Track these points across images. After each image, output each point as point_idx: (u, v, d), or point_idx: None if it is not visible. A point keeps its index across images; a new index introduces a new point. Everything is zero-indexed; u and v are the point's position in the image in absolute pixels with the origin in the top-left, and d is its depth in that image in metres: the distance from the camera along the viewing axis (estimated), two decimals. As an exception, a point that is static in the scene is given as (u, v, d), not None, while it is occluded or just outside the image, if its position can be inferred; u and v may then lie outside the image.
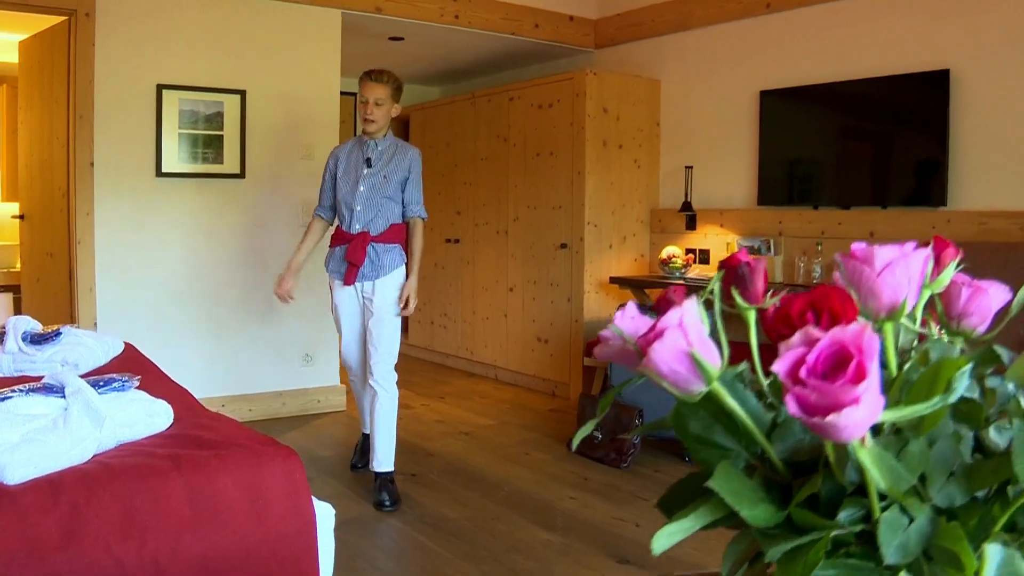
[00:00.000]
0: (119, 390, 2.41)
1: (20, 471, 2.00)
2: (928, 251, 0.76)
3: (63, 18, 5.04)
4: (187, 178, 5.28)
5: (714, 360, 0.77)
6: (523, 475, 4.40)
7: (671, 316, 0.78)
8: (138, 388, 2.51)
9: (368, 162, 4.07)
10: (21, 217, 5.72)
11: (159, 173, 5.18)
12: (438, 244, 7.35)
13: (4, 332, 3.34)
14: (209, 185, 5.35)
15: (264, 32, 5.45)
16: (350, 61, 6.26)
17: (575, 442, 1.08)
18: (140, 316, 5.15)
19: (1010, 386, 0.77)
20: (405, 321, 8.09)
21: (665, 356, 0.77)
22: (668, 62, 6.07)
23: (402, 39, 6.38)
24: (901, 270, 0.74)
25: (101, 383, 2.41)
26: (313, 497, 2.27)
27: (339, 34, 5.66)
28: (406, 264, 4.13)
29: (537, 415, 5.62)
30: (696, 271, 5.63)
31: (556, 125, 6.04)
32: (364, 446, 4.52)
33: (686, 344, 0.77)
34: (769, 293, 0.92)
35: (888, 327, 0.77)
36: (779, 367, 0.63)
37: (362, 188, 4.05)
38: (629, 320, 0.85)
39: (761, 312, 0.90)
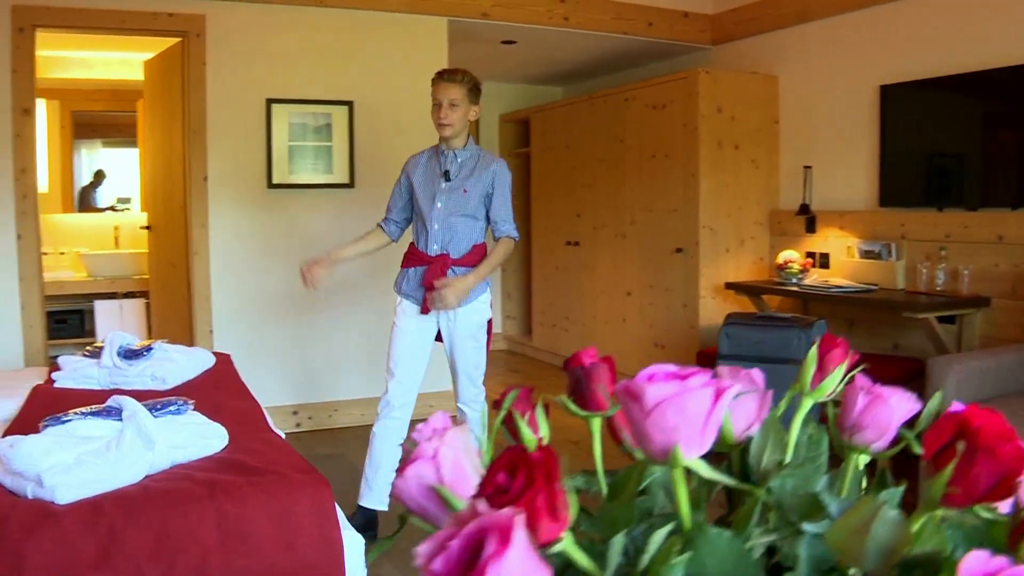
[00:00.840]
0: (175, 413, 2.47)
1: (71, 492, 2.11)
2: (713, 387, 0.64)
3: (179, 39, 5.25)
4: (297, 189, 5.40)
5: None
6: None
7: (427, 446, 0.70)
8: (196, 410, 2.57)
9: (446, 175, 3.67)
10: (148, 228, 5.99)
11: (270, 185, 5.33)
12: (558, 247, 7.29)
13: (103, 347, 3.50)
14: (319, 195, 5.47)
15: (369, 43, 5.50)
16: (461, 66, 6.24)
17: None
18: (254, 324, 5.31)
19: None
20: (527, 322, 8.12)
21: (411, 491, 0.68)
22: (787, 57, 5.78)
23: (514, 43, 6.33)
24: (673, 411, 0.63)
25: (158, 406, 2.48)
26: (344, 527, 2.26)
27: (445, 41, 5.66)
28: (476, 265, 3.66)
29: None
30: (815, 276, 5.34)
31: (670, 126, 5.86)
32: (367, 520, 3.70)
33: (435, 479, 0.68)
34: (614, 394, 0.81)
35: (678, 474, 0.66)
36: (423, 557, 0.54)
37: (439, 205, 3.64)
38: (430, 431, 0.77)
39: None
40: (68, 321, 6.46)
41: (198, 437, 2.43)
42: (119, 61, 6.78)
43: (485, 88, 7.88)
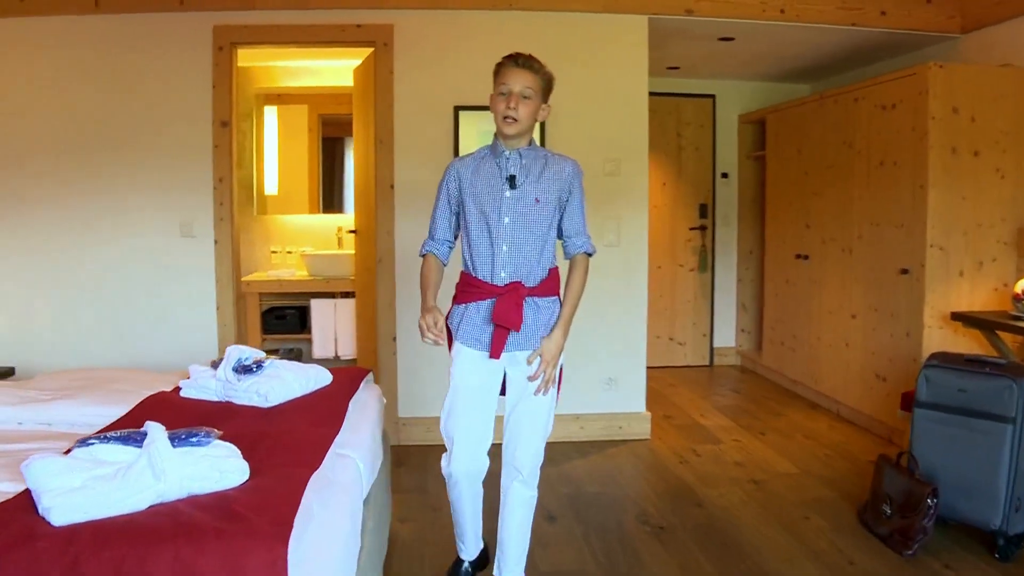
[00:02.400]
0: (195, 444, 2.39)
1: (65, 515, 2.10)
2: None
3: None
4: (484, 198, 5.27)
5: None
6: (781, 546, 3.76)
7: None
8: (222, 441, 2.48)
9: (511, 181, 2.99)
10: (354, 232, 6.10)
11: (457, 194, 5.23)
12: (788, 260, 6.67)
13: (223, 359, 3.53)
14: (505, 205, 5.29)
15: (563, 45, 5.25)
16: (659, 63, 5.86)
17: None
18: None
19: None
20: (759, 338, 7.50)
21: None
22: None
23: (732, 39, 5.83)
24: None
25: (182, 436, 2.41)
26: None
27: (645, 41, 5.28)
28: (560, 315, 3.07)
29: (853, 467, 4.82)
30: (1063, 310, 4.46)
31: (898, 129, 5.13)
32: (480, 558, 3.44)
33: None
34: None
35: None
36: None
37: (507, 219, 2.97)
38: None
39: None
40: (287, 317, 6.75)
41: (214, 470, 2.34)
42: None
43: (720, 86, 7.52)
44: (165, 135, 5.24)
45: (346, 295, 6.78)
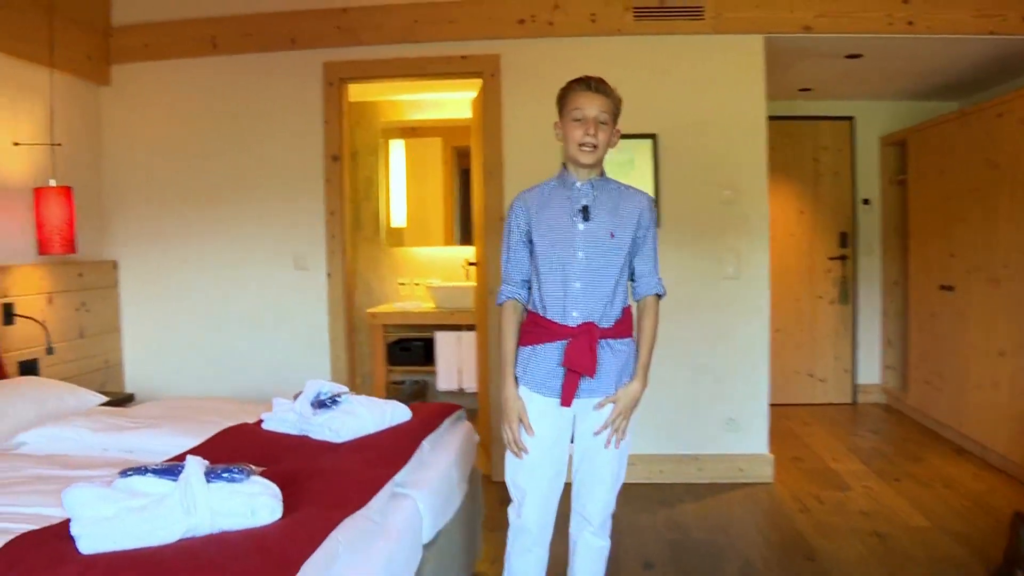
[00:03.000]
0: (228, 481, 2.36)
1: (93, 543, 2.15)
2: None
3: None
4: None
5: None
6: (892, 612, 3.43)
7: None
8: (262, 477, 2.44)
9: (585, 213, 2.80)
10: (474, 264, 6.05)
11: (566, 225, 5.09)
12: (932, 292, 6.18)
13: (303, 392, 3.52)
14: (615, 236, 5.12)
15: (674, 70, 5.06)
16: (790, 85, 5.55)
17: None
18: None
19: None
20: (905, 374, 6.94)
21: None
22: None
23: (860, 56, 5.47)
24: None
25: (217, 472, 2.39)
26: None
27: (762, 62, 5.02)
28: (637, 361, 2.88)
29: (995, 523, 4.35)
30: None
31: (1046, 147, 4.68)
32: None
33: None
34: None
35: None
36: None
37: (581, 254, 2.77)
38: None
39: None
40: (412, 349, 6.77)
41: (245, 507, 2.31)
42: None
43: (859, 107, 7.11)
44: (280, 170, 5.36)
45: (471, 328, 6.75)
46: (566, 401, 2.79)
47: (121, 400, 4.61)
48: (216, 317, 5.45)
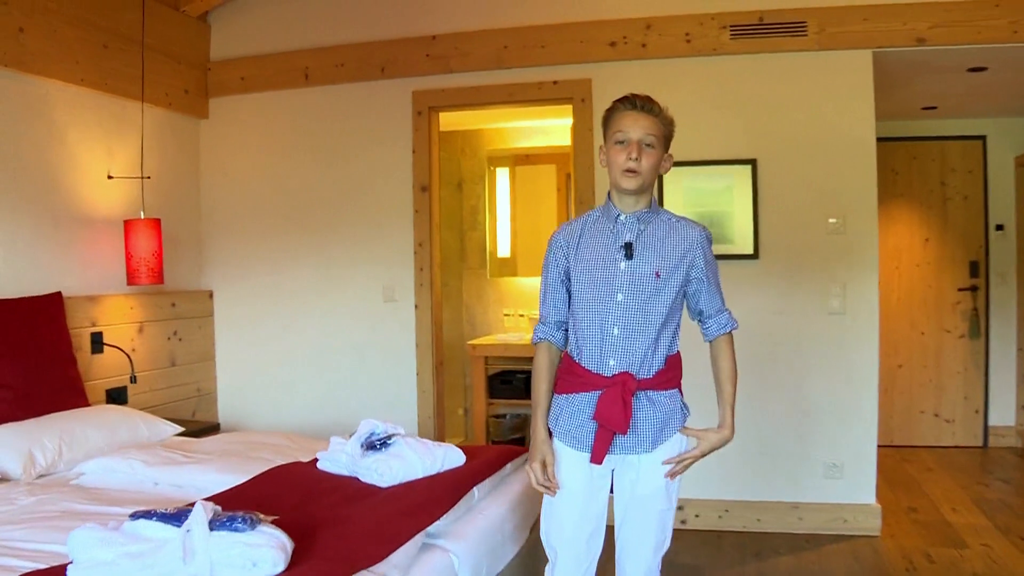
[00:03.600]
0: (232, 530, 2.27)
1: None
2: None
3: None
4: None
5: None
6: None
7: None
8: (272, 527, 2.32)
9: (627, 249, 2.53)
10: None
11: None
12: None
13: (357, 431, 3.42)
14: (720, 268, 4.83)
15: (774, 90, 4.76)
16: (911, 103, 5.15)
17: None
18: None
19: None
20: (977, 427, 6.26)
21: None
22: None
23: (984, 69, 5.03)
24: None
25: (222, 520, 2.30)
26: None
27: (870, 79, 4.66)
28: (723, 404, 2.64)
29: None
30: None
31: None
32: None
33: None
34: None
35: None
36: None
37: (620, 296, 2.51)
38: None
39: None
40: (513, 382, 6.61)
41: (246, 559, 2.21)
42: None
43: (992, 125, 6.59)
44: (370, 200, 5.32)
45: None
46: (596, 459, 2.54)
47: (202, 431, 4.62)
48: (307, 348, 5.45)
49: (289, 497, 2.99)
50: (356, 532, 2.55)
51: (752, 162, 4.81)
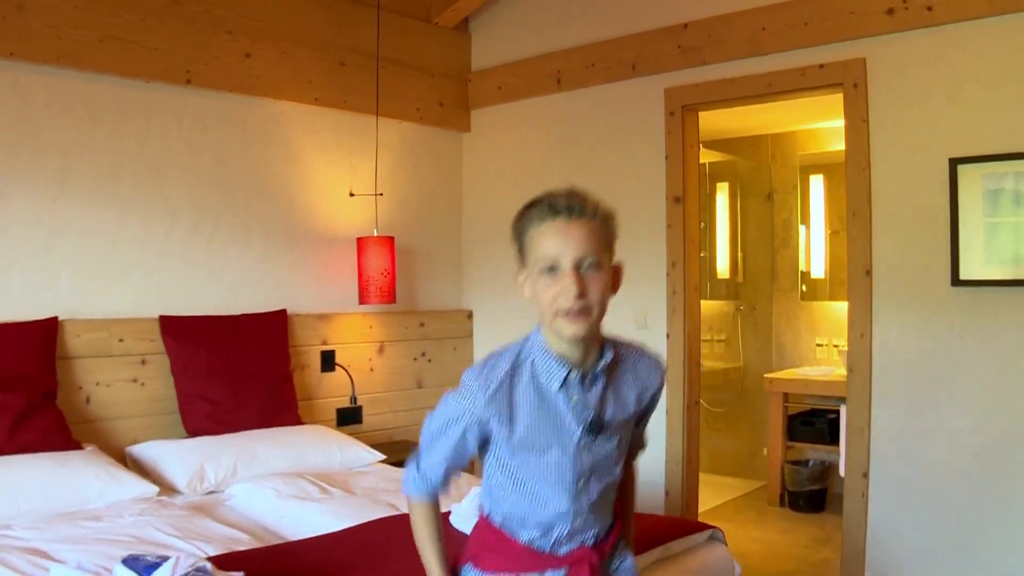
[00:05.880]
0: None
1: None
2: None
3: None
4: (996, 287, 3.66)
5: None
6: None
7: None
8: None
9: (595, 426, 1.76)
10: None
11: (955, 281, 3.71)
12: None
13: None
14: (1026, 296, 3.64)
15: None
16: None
17: None
18: (915, 470, 3.80)
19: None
20: None
21: None
22: None
23: None
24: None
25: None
26: None
27: None
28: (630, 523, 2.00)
29: None
30: None
31: None
32: None
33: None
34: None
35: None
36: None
37: (582, 482, 1.77)
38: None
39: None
40: (815, 424, 5.63)
41: None
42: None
43: None
44: (623, 214, 4.53)
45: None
46: None
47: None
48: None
49: (385, 545, 2.65)
50: None
51: (1097, 157, 3.55)
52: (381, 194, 4.80)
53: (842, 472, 5.21)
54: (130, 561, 2.17)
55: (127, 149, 3.94)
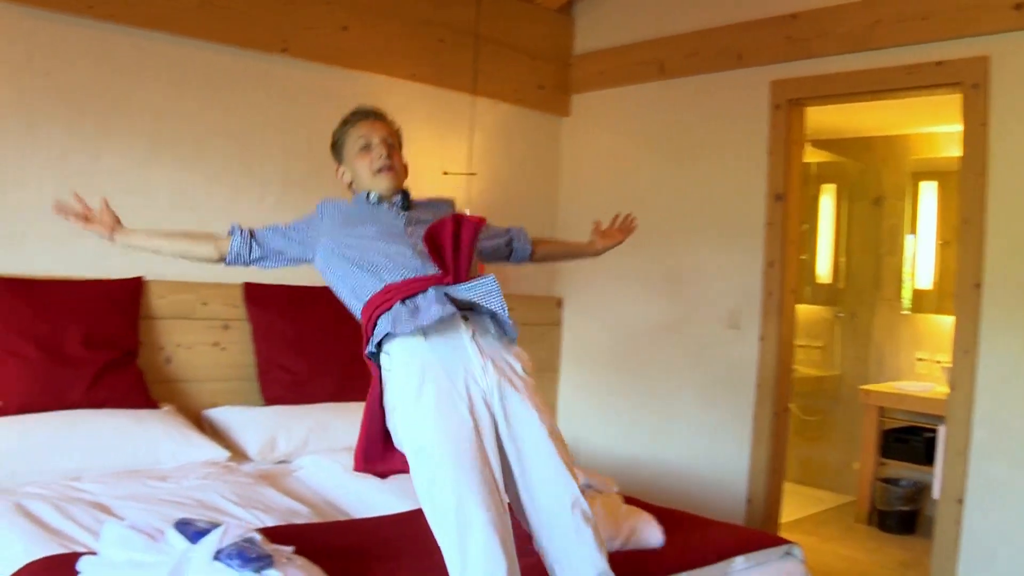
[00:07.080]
0: (230, 565, 1.96)
1: None
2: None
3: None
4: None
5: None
6: None
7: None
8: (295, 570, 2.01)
9: (404, 201, 2.62)
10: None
11: (1073, 297, 3.48)
12: None
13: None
14: None
15: None
16: None
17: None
18: (1020, 510, 3.56)
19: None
20: None
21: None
22: None
23: None
24: None
25: (230, 552, 2.00)
26: None
27: None
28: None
29: None
30: None
31: None
32: None
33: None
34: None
35: None
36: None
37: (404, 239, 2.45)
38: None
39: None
40: (910, 442, 5.36)
41: None
42: None
43: None
44: (719, 208, 4.62)
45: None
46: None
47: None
48: (646, 369, 4.89)
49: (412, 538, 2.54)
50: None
51: None
52: (474, 174, 4.74)
53: (935, 495, 4.95)
54: (181, 525, 2.14)
55: (214, 117, 3.95)
